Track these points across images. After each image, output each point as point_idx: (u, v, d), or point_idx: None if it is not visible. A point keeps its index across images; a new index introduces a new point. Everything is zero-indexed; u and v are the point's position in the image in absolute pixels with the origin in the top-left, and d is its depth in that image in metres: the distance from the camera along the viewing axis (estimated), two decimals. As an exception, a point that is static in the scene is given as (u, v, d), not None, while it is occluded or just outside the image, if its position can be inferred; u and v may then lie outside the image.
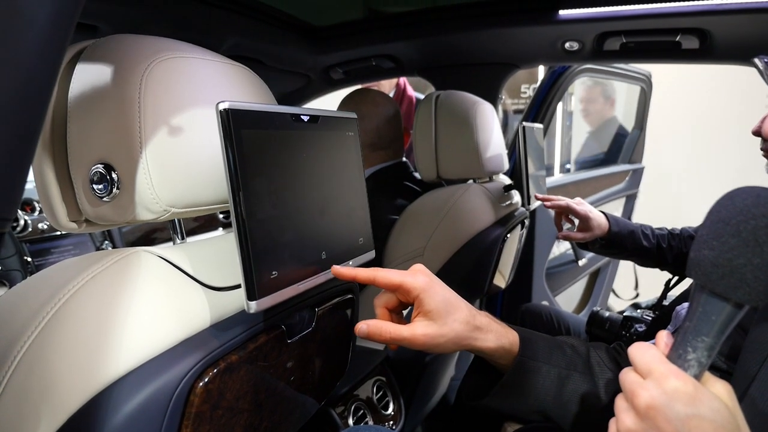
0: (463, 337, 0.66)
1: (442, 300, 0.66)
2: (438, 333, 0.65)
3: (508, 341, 0.71)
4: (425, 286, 0.66)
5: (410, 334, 0.64)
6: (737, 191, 0.47)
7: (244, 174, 0.55)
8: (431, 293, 0.65)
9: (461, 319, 0.66)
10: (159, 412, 0.54)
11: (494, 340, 0.69)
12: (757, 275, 0.44)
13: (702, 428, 0.45)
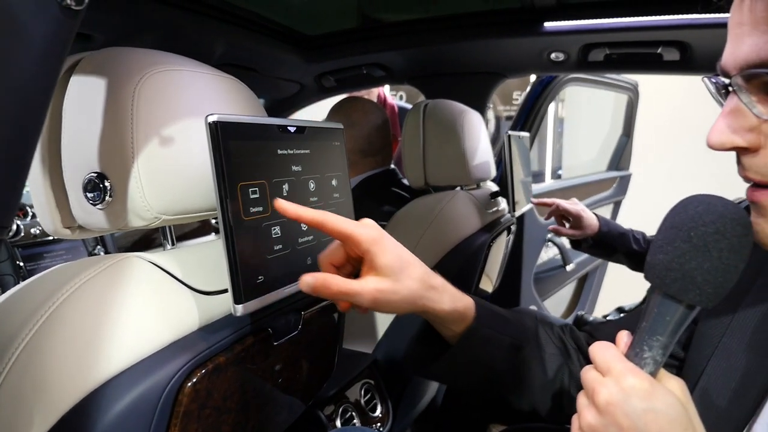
0: (418, 296, 0.63)
1: (395, 255, 0.62)
2: (391, 289, 0.60)
3: (463, 305, 0.69)
4: (377, 238, 0.61)
5: (360, 288, 0.59)
6: (690, 199, 0.50)
7: (231, 183, 0.58)
8: (383, 246, 0.61)
9: (416, 277, 0.63)
10: (149, 410, 0.57)
11: (449, 302, 0.66)
12: (706, 278, 0.47)
13: (657, 422, 0.48)
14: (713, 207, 0.48)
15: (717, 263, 0.47)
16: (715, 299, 0.49)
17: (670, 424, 0.48)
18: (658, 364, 0.52)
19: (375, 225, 0.64)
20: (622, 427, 0.49)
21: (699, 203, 0.49)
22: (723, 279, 0.48)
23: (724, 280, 0.48)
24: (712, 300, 0.49)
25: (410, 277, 0.62)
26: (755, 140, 0.48)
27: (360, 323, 1.43)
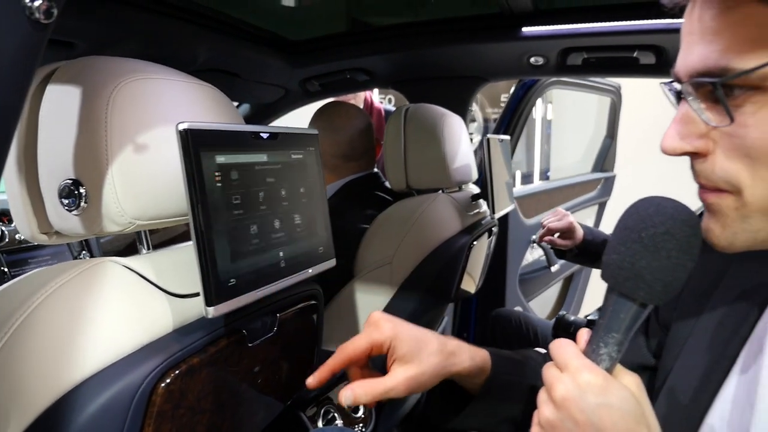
0: (442, 367, 0.67)
1: (412, 340, 0.66)
2: (419, 372, 0.65)
3: (481, 359, 0.73)
4: (393, 333, 0.66)
5: (394, 383, 0.64)
6: (641, 201, 0.52)
7: (202, 189, 0.60)
8: (401, 338, 0.66)
9: (434, 351, 0.67)
10: (122, 411, 0.58)
11: (469, 361, 0.71)
12: (656, 277, 0.49)
13: (610, 416, 0.50)
14: (663, 209, 0.50)
15: (665, 262, 0.49)
16: (664, 297, 0.51)
17: (623, 417, 0.50)
18: (613, 360, 0.54)
19: (385, 317, 0.68)
20: (578, 421, 0.51)
21: (650, 205, 0.51)
22: (672, 278, 0.50)
23: (673, 279, 0.50)
24: (662, 298, 0.51)
25: (431, 354, 0.67)
26: (704, 146, 0.50)
27: (343, 324, 1.45)
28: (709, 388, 0.61)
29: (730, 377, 0.59)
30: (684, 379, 0.64)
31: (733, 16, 0.45)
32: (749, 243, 0.51)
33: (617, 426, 0.49)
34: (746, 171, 0.47)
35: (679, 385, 0.64)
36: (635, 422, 0.50)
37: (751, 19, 0.44)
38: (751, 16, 0.44)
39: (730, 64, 0.45)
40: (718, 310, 0.63)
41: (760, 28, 0.44)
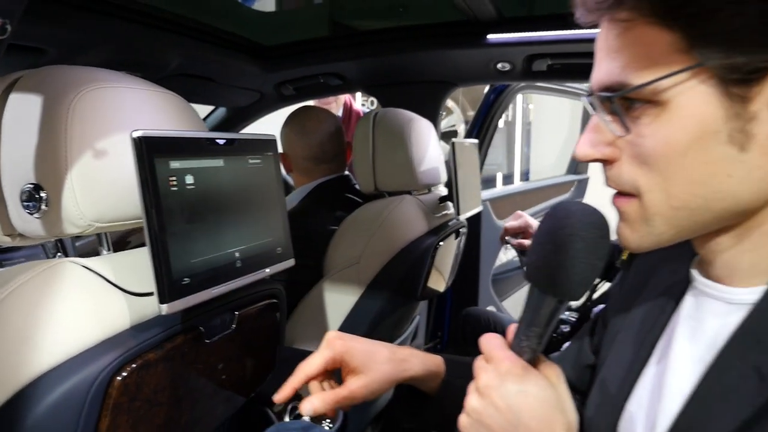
0: (393, 373, 0.72)
1: (362, 353, 0.72)
2: (370, 381, 0.70)
3: (434, 364, 0.77)
4: (344, 349, 0.71)
5: (348, 393, 0.70)
6: (558, 206, 0.56)
7: (156, 193, 0.64)
8: (351, 352, 0.71)
9: (385, 360, 0.72)
10: (78, 403, 0.62)
11: (421, 366, 0.75)
12: (567, 275, 0.53)
13: (527, 402, 0.54)
14: (574, 213, 0.54)
15: (575, 262, 0.53)
16: (577, 293, 0.55)
17: (539, 403, 0.54)
18: (534, 352, 0.58)
19: (336, 337, 0.73)
20: (499, 408, 0.55)
21: (563, 210, 0.55)
22: (582, 276, 0.54)
23: (583, 277, 0.54)
24: (574, 294, 0.55)
25: (381, 363, 0.72)
26: (612, 154, 0.55)
27: (313, 323, 1.49)
28: (630, 377, 0.65)
29: (648, 366, 0.64)
30: (613, 371, 0.68)
31: (630, 36, 0.50)
32: (655, 244, 0.55)
33: (534, 411, 0.54)
34: (645, 177, 0.52)
35: (609, 376, 0.69)
36: (551, 408, 0.54)
37: (644, 39, 0.49)
38: (643, 36, 0.49)
39: (627, 79, 0.50)
40: (644, 306, 0.68)
41: (650, 47, 0.48)
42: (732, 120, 0.47)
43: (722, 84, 0.46)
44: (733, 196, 0.49)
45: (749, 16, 0.44)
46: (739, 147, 0.47)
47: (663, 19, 0.47)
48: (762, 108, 0.46)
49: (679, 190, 0.51)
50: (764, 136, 0.47)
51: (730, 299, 0.55)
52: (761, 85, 0.46)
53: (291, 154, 1.71)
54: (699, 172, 0.49)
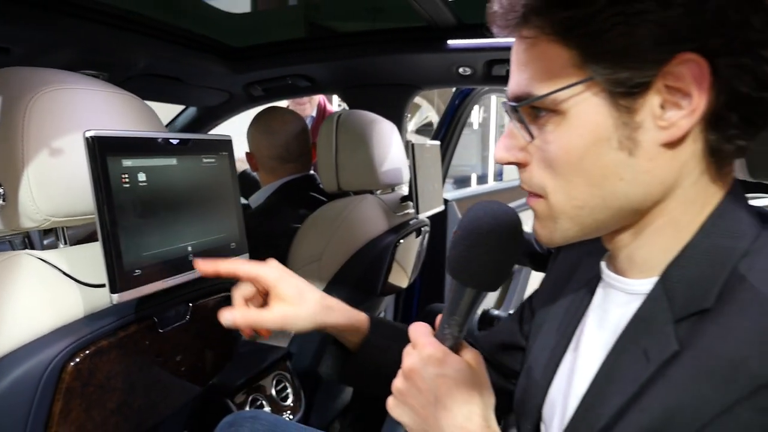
0: (315, 314, 0.77)
1: (294, 286, 0.77)
2: (293, 313, 0.76)
3: (357, 320, 0.82)
4: (279, 276, 0.77)
5: (270, 316, 0.75)
6: (476, 205, 0.62)
7: (108, 189, 0.68)
8: (284, 281, 0.77)
9: (312, 300, 0.78)
10: (32, 387, 0.66)
11: (344, 318, 0.81)
12: (482, 268, 0.59)
13: (446, 384, 0.59)
14: (488, 211, 0.59)
15: (489, 256, 0.58)
16: (492, 285, 0.60)
17: (457, 385, 0.59)
18: (456, 339, 0.63)
19: (277, 264, 0.79)
20: (420, 389, 0.60)
21: (479, 208, 0.60)
22: (496, 268, 0.59)
23: (497, 270, 0.59)
24: (490, 286, 0.60)
25: (308, 301, 0.78)
26: (524, 158, 0.60)
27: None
28: (552, 364, 0.71)
29: (567, 354, 0.69)
30: (538, 358, 0.74)
31: (535, 51, 0.55)
32: (564, 239, 0.61)
33: (452, 392, 0.59)
34: (550, 180, 0.57)
35: (534, 364, 0.74)
36: (468, 390, 0.59)
37: (546, 54, 0.54)
38: (546, 52, 0.54)
39: (532, 90, 0.56)
40: (567, 298, 0.74)
41: (551, 62, 0.54)
42: (621, 128, 0.53)
43: (611, 96, 0.52)
44: (625, 197, 0.55)
45: (634, 36, 0.50)
46: (627, 152, 0.53)
47: (561, 37, 0.53)
48: (646, 118, 0.52)
49: (579, 191, 0.56)
50: (649, 144, 0.53)
51: (630, 290, 0.61)
52: (644, 97, 0.52)
53: (257, 153, 1.75)
54: (595, 175, 0.55)
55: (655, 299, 0.56)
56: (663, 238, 0.57)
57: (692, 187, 0.55)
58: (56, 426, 0.68)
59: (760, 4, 0.49)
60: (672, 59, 0.49)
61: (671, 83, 0.51)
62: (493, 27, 0.60)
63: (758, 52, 0.50)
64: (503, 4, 0.56)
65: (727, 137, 0.53)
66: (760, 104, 0.52)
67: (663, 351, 0.52)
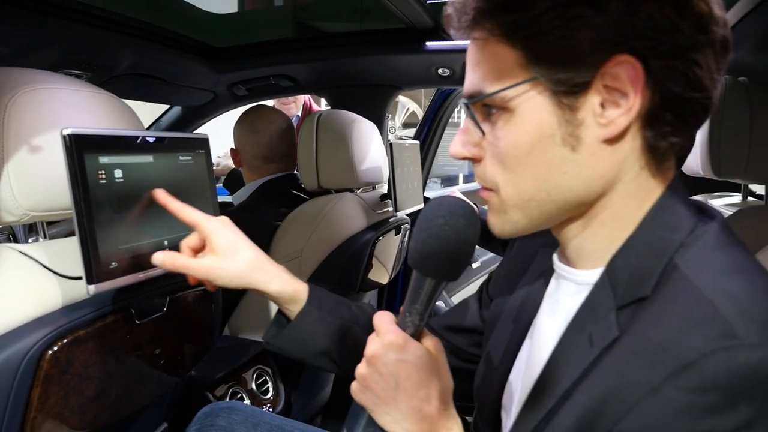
0: (246, 274, 0.79)
1: (228, 241, 0.79)
2: (220, 266, 0.77)
3: (293, 289, 0.83)
4: (215, 228, 0.78)
5: (196, 265, 0.77)
6: (433, 199, 0.65)
7: (85, 185, 0.71)
8: (219, 233, 0.78)
9: (245, 259, 0.79)
10: (10, 374, 0.68)
11: (278, 284, 0.81)
12: (440, 259, 0.62)
13: (406, 369, 0.62)
14: (444, 204, 0.63)
15: (446, 246, 0.62)
16: (450, 275, 0.62)
17: (416, 370, 0.62)
18: (416, 326, 0.66)
19: (223, 219, 0.81)
20: (382, 374, 0.63)
21: (437, 202, 0.64)
22: (454, 259, 0.62)
23: (455, 260, 0.62)
24: (448, 276, 0.62)
25: (239, 259, 0.79)
26: (478, 153, 0.63)
27: (255, 314, 1.56)
28: (509, 352, 0.74)
29: (525, 341, 0.73)
30: (497, 346, 0.77)
31: (486, 51, 0.59)
32: (515, 231, 0.64)
33: (411, 377, 0.62)
34: (501, 174, 0.61)
35: (493, 351, 0.78)
36: (427, 375, 0.62)
37: (495, 55, 0.58)
38: (495, 53, 0.58)
39: (483, 88, 0.59)
40: (524, 288, 0.77)
41: (500, 62, 0.57)
42: (564, 126, 0.56)
43: (554, 95, 0.56)
44: (569, 190, 0.59)
45: (572, 39, 0.53)
46: (570, 148, 0.57)
47: (508, 39, 0.56)
48: (587, 116, 0.56)
49: (526, 185, 0.60)
50: (591, 140, 0.56)
51: (579, 280, 0.65)
52: (585, 97, 0.55)
53: (241, 151, 1.78)
54: (541, 170, 0.58)
55: (601, 288, 0.60)
56: (607, 230, 0.61)
57: (632, 181, 0.59)
58: (35, 412, 0.71)
59: (687, 11, 0.53)
60: (608, 61, 0.53)
61: (609, 83, 0.54)
62: (449, 29, 0.63)
63: (688, 56, 0.54)
64: (456, 8, 0.60)
65: (662, 134, 0.56)
66: (690, 103, 0.55)
67: (605, 336, 0.56)
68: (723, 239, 0.57)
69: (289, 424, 1.05)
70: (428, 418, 0.62)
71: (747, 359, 0.45)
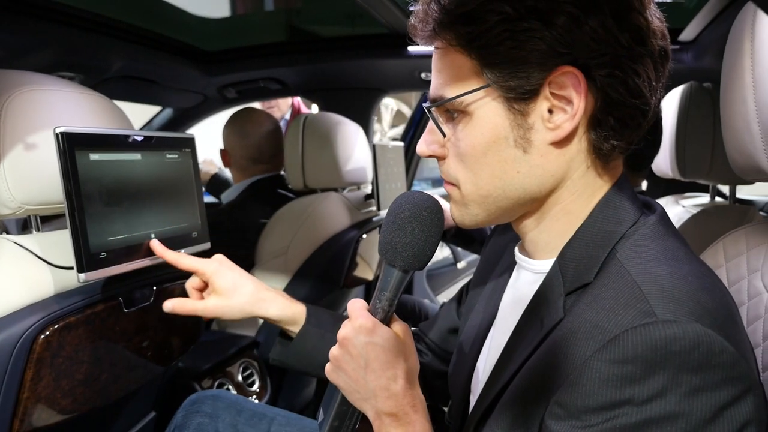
0: (249, 306, 0.87)
1: (229, 280, 0.86)
2: (225, 304, 0.86)
3: (292, 312, 0.90)
4: (215, 270, 0.86)
5: (203, 306, 0.86)
6: (401, 194, 0.70)
7: (76, 180, 0.76)
8: (220, 275, 0.86)
9: (247, 294, 0.86)
10: (4, 357, 0.73)
11: (277, 310, 0.89)
12: (406, 249, 0.66)
13: (374, 350, 0.66)
14: (411, 198, 0.67)
15: (411, 237, 0.66)
16: (416, 264, 0.67)
17: (383, 352, 0.67)
18: (386, 312, 0.70)
19: (220, 259, 0.89)
20: (352, 355, 0.68)
21: (404, 196, 0.69)
22: (418, 249, 0.66)
23: (420, 250, 0.66)
24: (414, 265, 0.67)
25: (242, 294, 0.87)
26: (442, 152, 0.69)
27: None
28: (477, 339, 0.80)
29: (492, 330, 0.78)
30: (468, 335, 0.83)
31: (446, 60, 0.64)
32: (474, 222, 0.70)
33: (379, 358, 0.66)
34: (461, 172, 0.66)
35: (465, 340, 0.83)
36: (394, 356, 0.67)
37: (454, 63, 0.63)
38: (454, 61, 0.63)
39: (444, 93, 0.64)
40: (494, 281, 0.83)
41: (458, 69, 0.63)
42: (516, 129, 0.62)
43: (507, 101, 0.61)
44: (522, 187, 0.64)
45: (521, 50, 0.59)
46: (522, 150, 0.62)
47: (464, 48, 0.61)
48: (537, 120, 0.61)
49: (484, 182, 0.65)
50: (540, 142, 0.62)
51: (535, 270, 0.70)
52: (535, 103, 0.60)
53: (231, 152, 1.83)
54: (496, 168, 0.64)
55: (552, 277, 0.65)
56: (559, 223, 0.67)
57: (580, 179, 0.65)
58: (28, 392, 0.76)
59: (625, 24, 0.58)
60: (554, 71, 0.59)
61: (555, 91, 0.60)
62: (414, 38, 0.68)
63: (627, 66, 0.59)
64: (420, 18, 0.65)
65: (605, 137, 0.62)
66: (631, 109, 0.61)
67: (552, 319, 0.62)
68: (658, 230, 0.62)
69: (271, 410, 1.10)
70: (394, 395, 0.66)
71: (661, 334, 0.50)
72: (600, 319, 0.55)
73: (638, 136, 0.65)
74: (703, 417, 0.50)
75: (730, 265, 0.86)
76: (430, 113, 0.68)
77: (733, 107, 0.73)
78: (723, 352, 0.50)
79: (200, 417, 1.05)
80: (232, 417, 1.06)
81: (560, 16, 0.57)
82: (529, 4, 0.57)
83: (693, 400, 0.50)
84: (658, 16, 0.63)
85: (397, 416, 0.66)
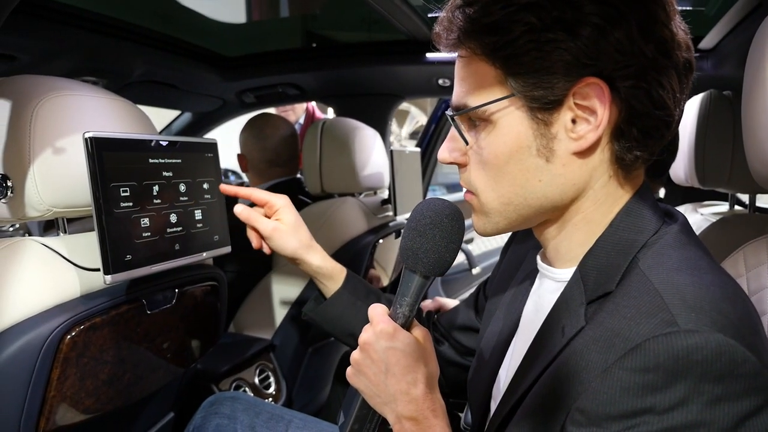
0: (299, 247, 0.96)
1: (293, 218, 0.97)
2: (282, 232, 0.95)
3: (332, 266, 0.99)
4: (284, 204, 0.97)
5: (266, 223, 0.95)
6: (423, 201, 0.71)
7: (104, 184, 0.77)
8: (287, 211, 0.97)
9: (303, 236, 0.97)
10: (34, 354, 0.75)
11: (320, 260, 0.98)
12: (427, 255, 0.67)
13: (395, 355, 0.67)
14: (432, 205, 0.68)
15: (432, 244, 0.67)
16: (437, 270, 0.68)
17: (404, 356, 0.68)
18: (407, 317, 0.71)
19: (286, 198, 0.99)
20: (374, 360, 0.69)
21: (425, 203, 0.69)
22: (439, 255, 0.67)
23: (440, 257, 0.67)
24: (434, 271, 0.68)
25: (297, 234, 0.97)
26: (463, 159, 0.69)
27: (260, 312, 1.62)
28: (500, 346, 0.80)
29: (515, 337, 0.78)
30: (489, 342, 0.83)
31: (470, 68, 0.65)
32: (495, 230, 0.70)
33: (400, 363, 0.67)
34: (482, 180, 0.67)
35: (486, 347, 0.83)
36: (414, 361, 0.68)
37: (478, 72, 0.64)
38: (478, 70, 0.64)
39: (467, 102, 0.65)
40: (515, 288, 0.83)
41: (482, 78, 0.63)
42: (539, 138, 0.62)
43: (530, 111, 0.61)
44: (544, 196, 0.65)
45: (546, 61, 0.59)
46: (545, 159, 0.63)
47: (489, 58, 0.62)
48: (560, 130, 0.61)
49: (505, 190, 0.65)
50: (563, 152, 0.62)
51: (557, 278, 0.70)
52: (558, 113, 0.61)
53: (248, 156, 1.85)
54: (518, 177, 0.64)
55: (574, 285, 0.65)
56: (580, 232, 0.67)
57: (602, 189, 0.65)
58: (54, 391, 0.78)
59: (650, 36, 0.59)
60: (579, 81, 0.59)
61: (579, 101, 0.60)
62: (438, 45, 0.69)
63: (652, 77, 0.59)
64: (444, 26, 0.66)
65: (628, 148, 0.62)
66: (654, 120, 0.61)
67: (574, 327, 0.62)
68: (680, 239, 0.63)
69: (289, 413, 1.11)
70: (415, 400, 0.67)
71: (683, 343, 0.50)
72: (622, 328, 0.55)
73: (661, 147, 0.65)
74: (724, 427, 0.50)
75: (750, 275, 0.85)
76: (453, 121, 0.68)
77: (755, 116, 0.73)
78: (746, 362, 0.50)
79: (219, 418, 1.06)
80: (250, 419, 1.07)
81: (586, 27, 0.57)
82: (555, 15, 0.57)
83: (715, 410, 0.50)
84: (683, 28, 0.63)
85: (417, 420, 0.67)
